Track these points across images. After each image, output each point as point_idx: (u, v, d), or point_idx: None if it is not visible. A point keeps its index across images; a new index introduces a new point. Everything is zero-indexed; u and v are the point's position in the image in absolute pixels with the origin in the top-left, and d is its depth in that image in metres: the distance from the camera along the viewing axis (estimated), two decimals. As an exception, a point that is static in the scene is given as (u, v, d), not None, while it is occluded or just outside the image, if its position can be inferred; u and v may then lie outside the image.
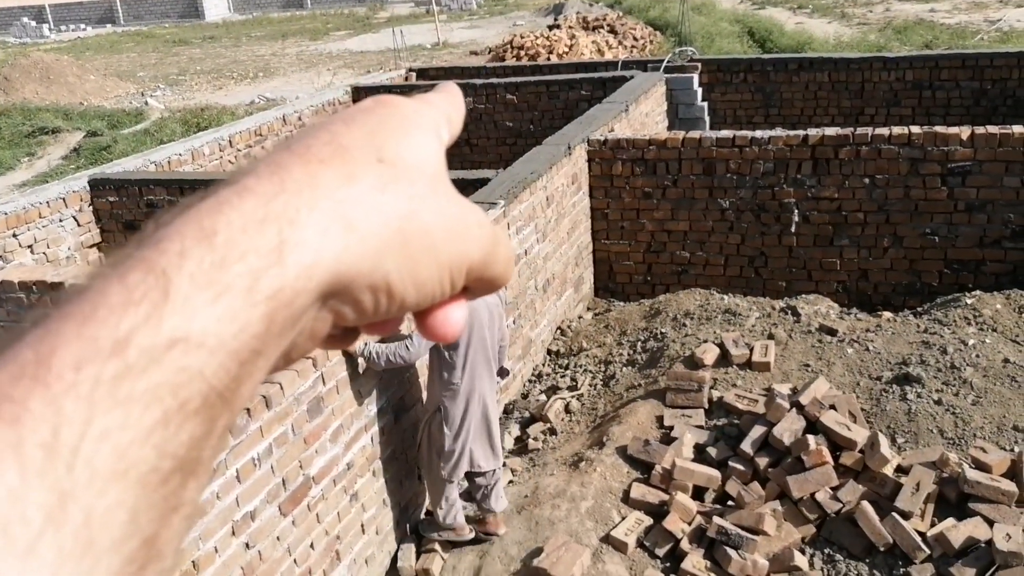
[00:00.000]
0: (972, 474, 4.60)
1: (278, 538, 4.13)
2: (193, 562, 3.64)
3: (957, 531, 4.43)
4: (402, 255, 0.40)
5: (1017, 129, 6.91)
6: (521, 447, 5.88)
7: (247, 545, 3.94)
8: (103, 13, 43.57)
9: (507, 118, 10.36)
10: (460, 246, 0.43)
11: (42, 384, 0.32)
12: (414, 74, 12.19)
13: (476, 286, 0.45)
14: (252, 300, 0.35)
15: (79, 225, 7.98)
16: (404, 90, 10.71)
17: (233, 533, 3.86)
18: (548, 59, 16.44)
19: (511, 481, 5.38)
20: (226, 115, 16.51)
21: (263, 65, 25.20)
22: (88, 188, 8.02)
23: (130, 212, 8.03)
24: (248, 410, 3.89)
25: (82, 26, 41.28)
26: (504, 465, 5.39)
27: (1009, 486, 4.55)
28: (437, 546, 4.95)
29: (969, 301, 6.20)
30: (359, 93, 10.94)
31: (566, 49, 17.39)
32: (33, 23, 39.08)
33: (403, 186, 0.41)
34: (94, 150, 15.46)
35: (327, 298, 0.39)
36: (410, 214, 0.40)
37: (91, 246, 8.12)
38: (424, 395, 5.07)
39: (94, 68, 24.36)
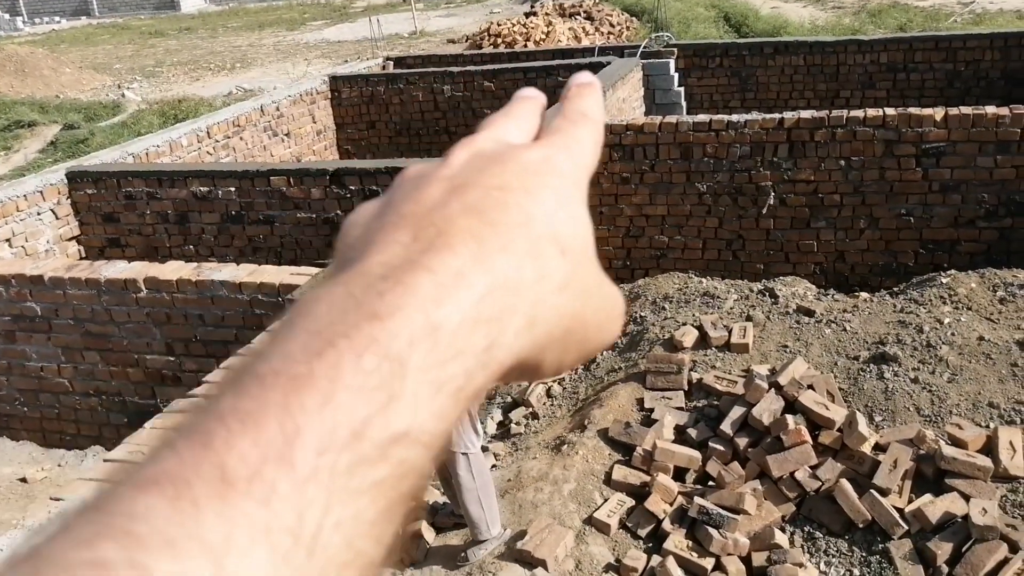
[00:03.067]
0: (948, 450, 4.66)
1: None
2: None
3: (934, 507, 4.50)
4: (560, 347, 0.42)
5: (990, 110, 6.98)
6: (503, 432, 5.90)
7: None
8: (77, 5, 43.08)
9: (485, 106, 10.35)
10: (604, 335, 0.45)
11: (288, 465, 0.32)
12: (391, 63, 12.16)
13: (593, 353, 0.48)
14: (458, 399, 0.36)
15: (57, 218, 7.94)
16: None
17: None
18: (525, 46, 16.41)
19: (494, 466, 5.40)
20: (204, 106, 16.40)
21: (240, 56, 25.02)
22: (66, 181, 7.98)
23: (108, 205, 7.99)
24: None
25: (56, 18, 40.80)
26: (486, 449, 5.41)
27: (984, 461, 4.61)
28: (422, 530, 4.96)
29: (944, 280, 6.26)
30: (337, 82, 10.90)
31: (543, 36, 17.37)
32: (7, 16, 38.59)
33: (578, 284, 0.42)
34: (71, 143, 15.32)
35: None
36: (578, 314, 0.42)
37: (69, 239, 8.08)
38: None
39: (69, 61, 24.11)
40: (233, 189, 7.61)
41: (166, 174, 7.85)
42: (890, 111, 7.14)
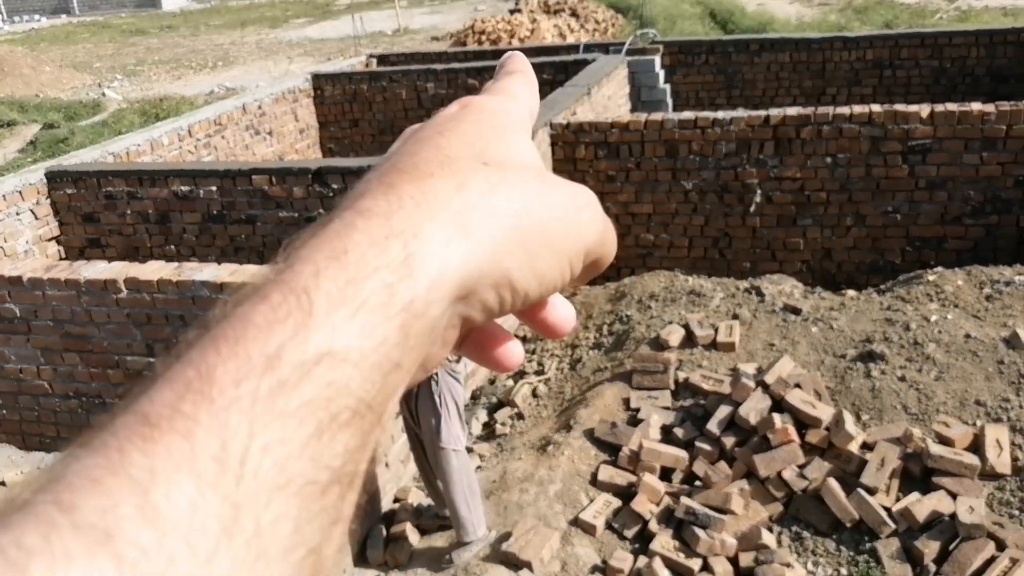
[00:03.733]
0: (936, 448, 4.64)
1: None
2: None
3: (921, 505, 4.48)
4: (520, 251, 0.42)
5: (975, 106, 6.96)
6: (489, 432, 5.86)
7: None
8: (57, 3, 42.74)
9: (470, 103, 10.28)
10: (575, 232, 0.44)
11: (207, 399, 0.33)
12: (375, 60, 12.08)
13: (591, 267, 0.47)
14: (387, 314, 0.37)
15: (37, 218, 7.84)
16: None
17: None
18: (510, 43, 16.35)
19: (479, 467, 5.35)
20: (185, 105, 16.28)
21: (222, 54, 24.86)
22: (45, 181, 7.88)
23: (88, 204, 7.90)
24: None
25: (36, 17, 40.46)
26: (471, 450, 5.36)
27: (971, 459, 4.60)
28: (408, 533, 4.91)
29: (931, 278, 6.25)
30: (320, 80, 10.82)
31: (527, 33, 17.31)
32: (-15, 14, 38.26)
33: (511, 185, 0.42)
34: (51, 142, 15.18)
35: (455, 303, 0.40)
36: (522, 211, 0.42)
37: (49, 239, 7.98)
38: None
39: (49, 59, 23.91)
40: (215, 188, 7.52)
41: (147, 173, 7.76)
42: (876, 108, 7.12)
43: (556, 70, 9.93)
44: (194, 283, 5.58)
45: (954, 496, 4.50)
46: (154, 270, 5.81)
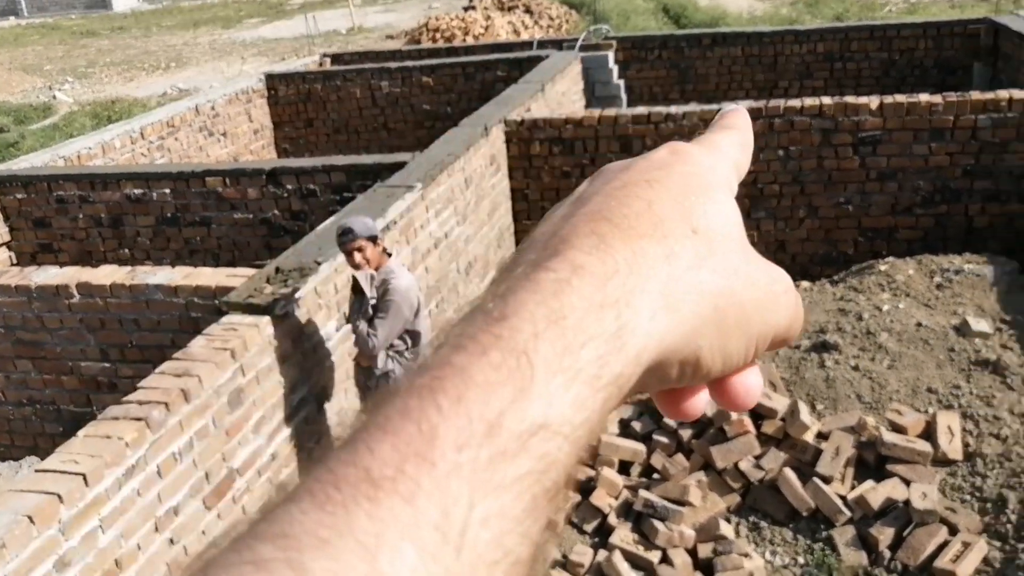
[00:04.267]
0: (889, 436, 4.72)
1: (203, 532, 4.06)
2: (116, 560, 3.57)
3: (876, 492, 4.54)
4: (715, 331, 0.41)
5: (924, 98, 7.07)
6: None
7: (171, 541, 3.87)
8: (5, 5, 41.87)
9: (424, 101, 10.25)
10: (768, 317, 0.43)
11: (429, 462, 0.32)
12: (329, 60, 11.99)
13: (773, 348, 0.46)
14: (597, 386, 0.36)
15: (-14, 225, 7.69)
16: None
17: (156, 529, 3.79)
18: (464, 41, 16.32)
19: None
20: (137, 107, 16.05)
21: (175, 55, 24.54)
22: (-7, 186, 7.72)
23: (39, 209, 7.77)
24: (167, 404, 3.81)
25: (-17, 19, 39.62)
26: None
27: (924, 446, 4.68)
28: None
29: (883, 268, 6.34)
30: (273, 80, 10.72)
31: (482, 30, 17.29)
32: (-70, 17, 37.40)
33: (718, 260, 0.41)
34: (1, 147, 14.88)
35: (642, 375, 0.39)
36: (725, 291, 0.41)
37: (0, 245, 7.83)
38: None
39: (-3, 62, 23.44)
40: (168, 191, 7.42)
41: (98, 177, 7.64)
42: (827, 100, 7.21)
43: (510, 67, 9.93)
44: (148, 287, 5.51)
45: (907, 483, 4.57)
46: (107, 274, 5.73)
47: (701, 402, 0.45)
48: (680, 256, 0.40)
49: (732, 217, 0.44)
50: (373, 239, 4.40)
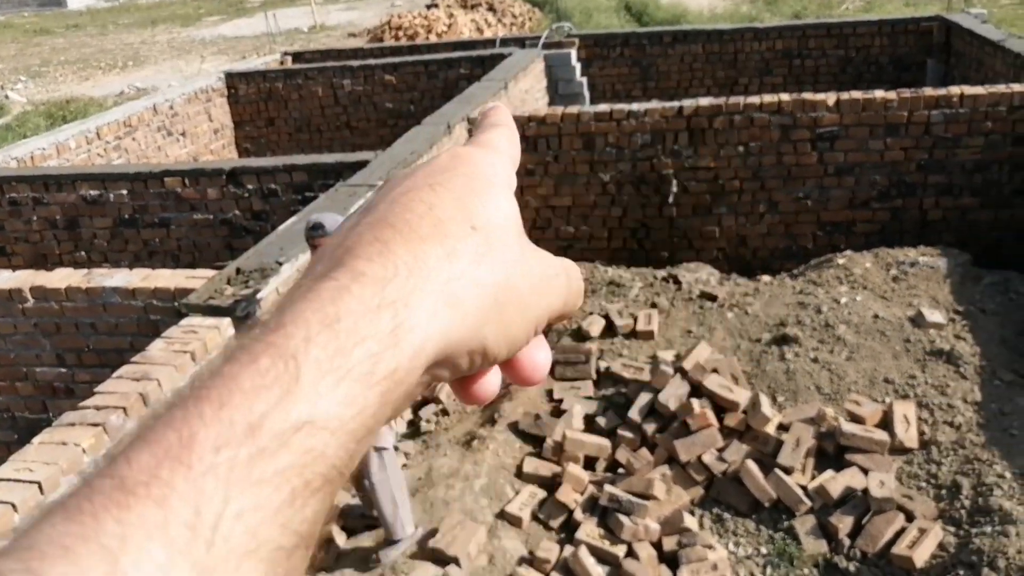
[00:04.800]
0: (848, 427, 4.79)
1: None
2: None
3: (835, 482, 4.62)
4: (498, 320, 0.43)
5: (879, 94, 7.18)
6: (414, 430, 5.83)
7: None
8: (-44, 3, 41.02)
9: (387, 99, 10.22)
10: (545, 301, 0.47)
11: (185, 465, 0.33)
12: (290, 58, 11.90)
13: (553, 323, 0.49)
14: (370, 383, 0.38)
15: (-65, 228, 7.54)
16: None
17: None
18: (427, 39, 16.28)
19: (405, 465, 5.33)
20: (93, 106, 15.81)
21: (132, 53, 24.20)
22: (-57, 188, 7.57)
23: (-8, 212, 7.62)
24: (124, 408, 3.75)
25: (-67, 17, 38.76)
26: (396, 449, 5.34)
27: (882, 436, 4.76)
28: (333, 535, 4.86)
29: (841, 261, 6.44)
30: (233, 79, 10.62)
31: (445, 28, 17.26)
32: None
33: (497, 255, 0.44)
34: (-49, 148, 14.56)
35: (430, 368, 0.42)
36: (504, 283, 0.44)
37: (-50, 249, 7.68)
38: None
39: (-53, 61, 22.97)
40: (125, 192, 7.32)
41: (52, 178, 7.50)
42: (785, 97, 7.29)
43: (473, 65, 9.92)
44: (104, 290, 5.43)
45: (866, 472, 4.65)
46: (62, 277, 5.64)
47: (493, 383, 0.47)
48: (461, 254, 0.42)
49: (510, 212, 0.46)
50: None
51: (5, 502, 3.26)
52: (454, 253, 0.42)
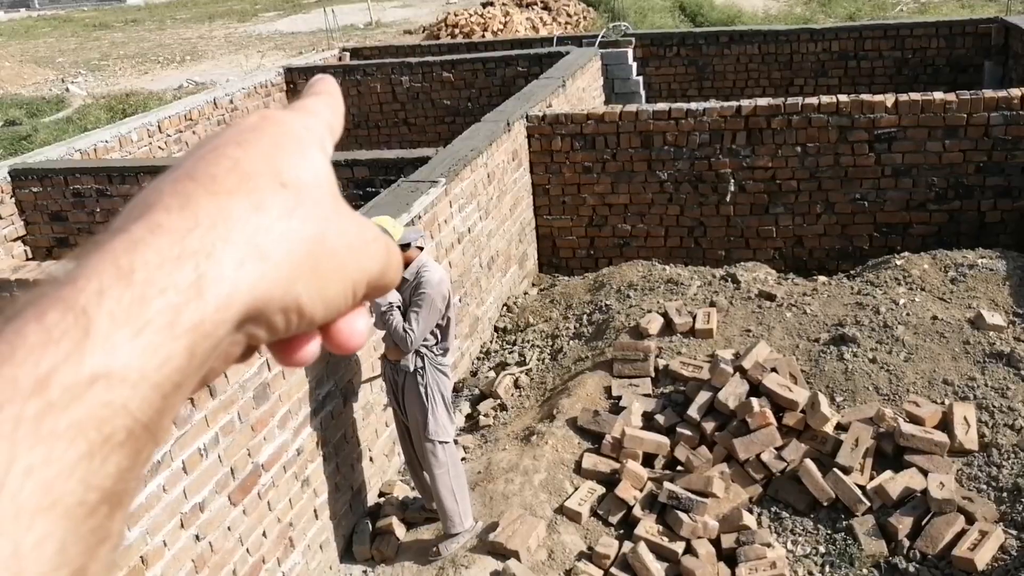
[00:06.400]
0: (907, 427, 4.80)
1: (229, 528, 4.06)
2: (142, 558, 3.55)
3: (894, 483, 4.63)
4: (311, 277, 0.42)
5: (938, 96, 7.14)
6: (472, 424, 5.93)
7: (197, 537, 3.86)
8: (17, -3, 42.00)
9: (444, 96, 10.33)
10: (362, 262, 0.45)
11: None
12: (348, 54, 12.07)
13: (372, 293, 0.48)
14: (173, 334, 0.37)
15: (1, 218, 7.71)
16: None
17: (182, 525, 3.77)
18: (483, 36, 16.39)
19: (464, 458, 5.43)
20: (153, 100, 16.13)
21: (190, 48, 24.63)
22: (9, 179, 7.71)
23: (56, 203, 7.76)
24: (191, 400, 3.81)
25: (-5, 11, 39.78)
26: (456, 442, 5.44)
27: (941, 437, 4.76)
28: (394, 527, 4.95)
29: (898, 262, 6.42)
30: (292, 74, 10.80)
31: (500, 26, 17.36)
32: (-58, 10, 37.54)
33: (308, 209, 0.42)
34: (13, 140, 14.94)
35: (243, 323, 0.40)
36: (317, 237, 0.42)
37: (15, 239, 7.83)
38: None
39: (9, 55, 23.54)
40: (190, 185, 7.50)
41: (116, 170, 7.63)
42: (843, 98, 7.28)
43: (530, 63, 10.01)
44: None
45: (925, 473, 4.65)
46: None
47: (313, 349, 0.46)
48: (269, 208, 0.41)
49: (322, 171, 0.45)
50: (402, 247, 4.41)
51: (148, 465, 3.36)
52: (262, 206, 0.41)
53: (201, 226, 0.39)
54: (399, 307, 4.48)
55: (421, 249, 4.59)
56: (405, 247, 4.43)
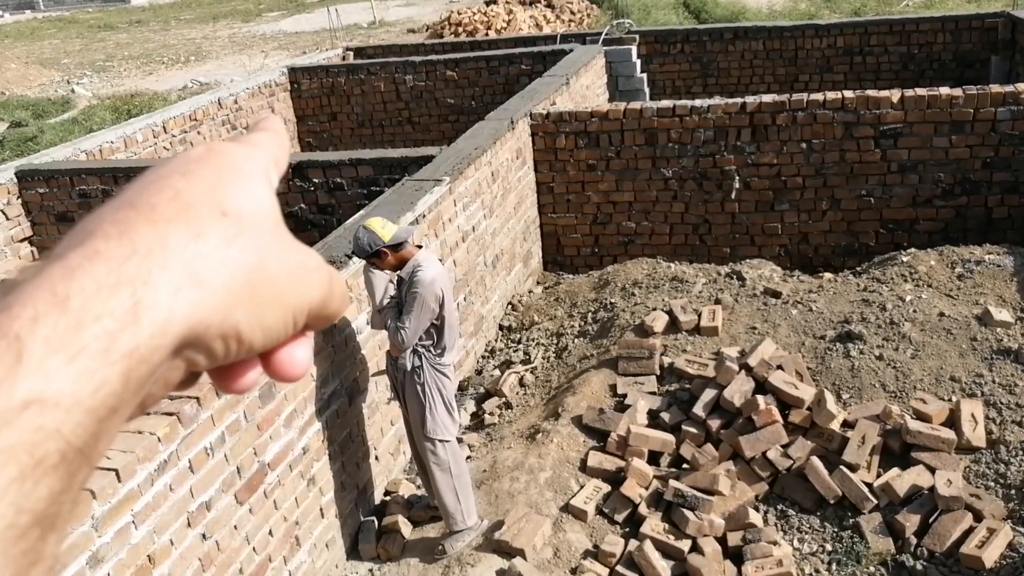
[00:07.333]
0: (914, 424, 4.78)
1: (235, 527, 4.06)
2: (149, 556, 3.56)
3: (901, 480, 4.61)
4: (251, 304, 0.42)
5: (944, 91, 7.11)
6: (477, 422, 5.93)
7: (204, 536, 3.87)
8: (22, -1, 42.09)
9: (448, 95, 10.33)
10: (302, 291, 0.46)
11: None
12: (351, 53, 12.07)
13: (314, 323, 0.48)
14: (108, 360, 0.37)
15: (7, 219, 7.71)
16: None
17: (189, 524, 3.78)
18: (486, 35, 16.39)
19: (469, 456, 5.42)
20: (158, 101, 16.14)
21: (194, 49, 24.66)
22: (15, 180, 7.74)
23: (62, 204, 7.78)
24: (198, 399, 3.80)
25: None
26: (461, 441, 5.43)
27: (948, 434, 4.74)
28: (400, 525, 4.95)
29: (905, 259, 6.39)
30: (296, 74, 10.81)
31: (504, 24, 17.35)
32: (-52, 12, 37.61)
33: (248, 238, 0.43)
34: (19, 141, 14.96)
35: (181, 349, 0.41)
36: (256, 265, 0.43)
37: (21, 240, 7.86)
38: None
39: (14, 56, 23.57)
40: (195, 184, 7.51)
41: (122, 171, 7.65)
42: (849, 94, 7.25)
43: (534, 61, 9.99)
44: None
45: (932, 470, 4.63)
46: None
47: (253, 377, 0.46)
48: (209, 236, 0.41)
49: (265, 202, 0.46)
50: (377, 254, 4.38)
51: (84, 489, 3.34)
52: (201, 234, 0.41)
53: (138, 253, 0.39)
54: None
55: (420, 247, 4.58)
56: (399, 246, 4.41)
